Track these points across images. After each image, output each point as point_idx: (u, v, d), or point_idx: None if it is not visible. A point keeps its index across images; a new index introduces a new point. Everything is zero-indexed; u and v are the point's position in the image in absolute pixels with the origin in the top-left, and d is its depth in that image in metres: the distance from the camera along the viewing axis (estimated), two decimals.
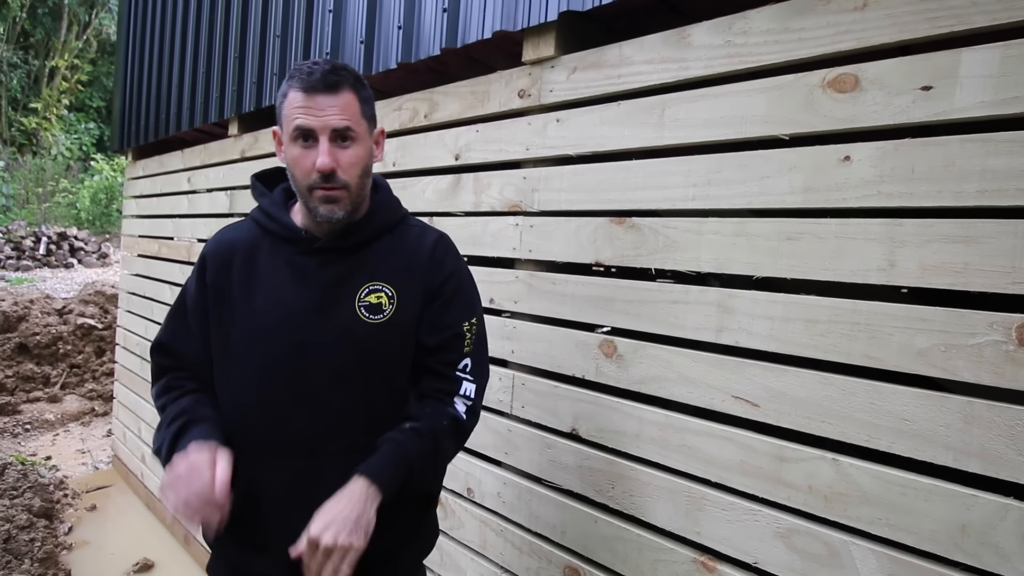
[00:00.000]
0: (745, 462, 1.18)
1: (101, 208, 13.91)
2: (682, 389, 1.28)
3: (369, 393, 1.10)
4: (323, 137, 1.00)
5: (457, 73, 1.87)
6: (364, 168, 1.06)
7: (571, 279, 1.51)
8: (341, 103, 1.01)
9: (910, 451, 0.98)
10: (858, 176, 1.04)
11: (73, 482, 3.93)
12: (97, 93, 17.68)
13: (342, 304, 1.08)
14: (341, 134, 1.02)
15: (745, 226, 1.19)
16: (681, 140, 1.30)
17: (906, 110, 1.00)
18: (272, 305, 1.08)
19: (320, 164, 1.00)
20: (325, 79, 1.00)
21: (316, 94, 1.00)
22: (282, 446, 1.08)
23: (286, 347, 1.07)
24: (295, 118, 1.00)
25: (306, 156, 1.02)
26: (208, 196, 3.15)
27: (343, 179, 1.03)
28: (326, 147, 1.00)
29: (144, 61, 3.91)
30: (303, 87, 1.00)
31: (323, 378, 1.07)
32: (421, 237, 1.18)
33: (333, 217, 1.05)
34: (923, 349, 0.97)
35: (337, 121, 1.00)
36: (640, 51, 1.37)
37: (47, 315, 6.04)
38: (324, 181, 1.02)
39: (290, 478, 1.08)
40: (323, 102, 1.00)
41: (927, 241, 0.97)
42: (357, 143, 1.04)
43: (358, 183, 1.06)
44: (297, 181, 1.05)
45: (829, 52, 1.09)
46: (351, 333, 1.08)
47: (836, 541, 1.05)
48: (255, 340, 1.08)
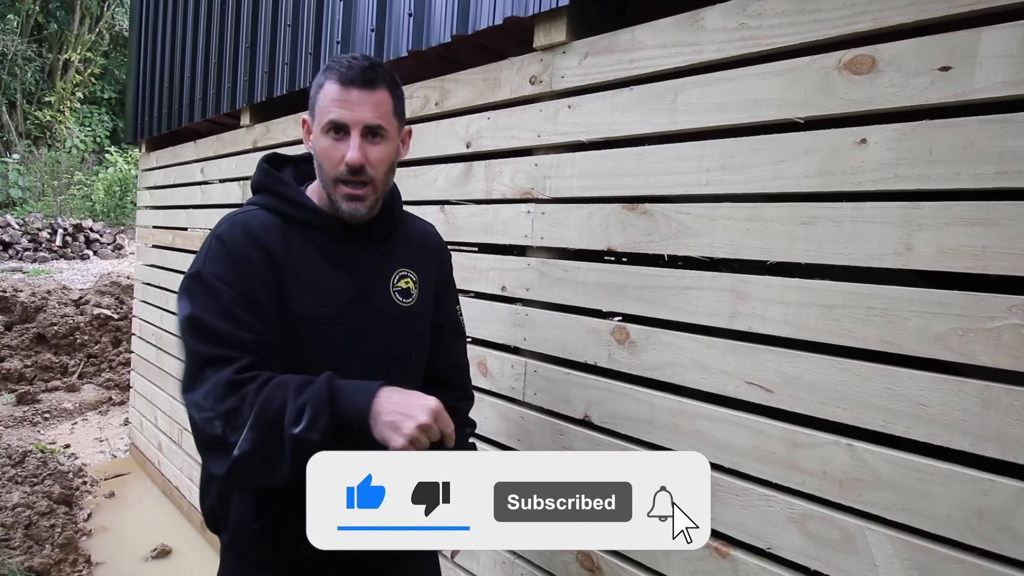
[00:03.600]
0: (759, 448, 1.17)
1: (115, 200, 14.04)
2: (695, 375, 1.28)
3: (409, 378, 1.14)
4: (355, 131, 1.02)
5: (468, 60, 1.87)
6: (390, 166, 1.09)
7: (583, 266, 1.51)
8: (375, 100, 1.03)
9: (926, 436, 0.97)
10: (875, 159, 1.03)
11: (91, 470, 4.00)
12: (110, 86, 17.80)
13: (379, 290, 1.13)
14: (373, 130, 1.03)
15: (759, 211, 1.18)
16: (694, 125, 1.29)
17: (924, 91, 0.98)
18: (315, 299, 1.07)
19: (350, 159, 1.01)
20: (364, 74, 1.02)
21: (352, 88, 1.01)
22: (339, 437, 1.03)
23: (332, 336, 1.07)
24: (329, 111, 1.02)
25: (336, 148, 1.03)
26: (221, 186, 3.18)
27: (370, 174, 1.04)
28: (357, 142, 1.02)
29: (156, 53, 3.93)
30: (340, 80, 1.02)
31: (367, 366, 1.08)
32: (422, 224, 1.28)
33: (357, 215, 1.06)
34: (940, 333, 0.96)
35: (371, 118, 1.02)
36: (653, 35, 1.36)
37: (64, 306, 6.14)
38: (351, 175, 1.03)
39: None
40: (358, 97, 1.01)
41: (945, 224, 0.96)
42: (387, 141, 1.06)
43: (383, 180, 1.08)
44: (324, 171, 1.06)
45: (845, 33, 1.08)
46: (389, 318, 1.12)
47: (851, 526, 1.05)
48: (301, 330, 1.05)
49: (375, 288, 1.12)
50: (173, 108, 3.65)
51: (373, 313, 1.11)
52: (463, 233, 1.83)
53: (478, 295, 1.79)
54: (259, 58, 2.82)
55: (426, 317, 1.19)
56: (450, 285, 1.33)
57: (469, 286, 1.78)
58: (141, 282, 4.12)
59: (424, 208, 1.94)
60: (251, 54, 2.88)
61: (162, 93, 3.81)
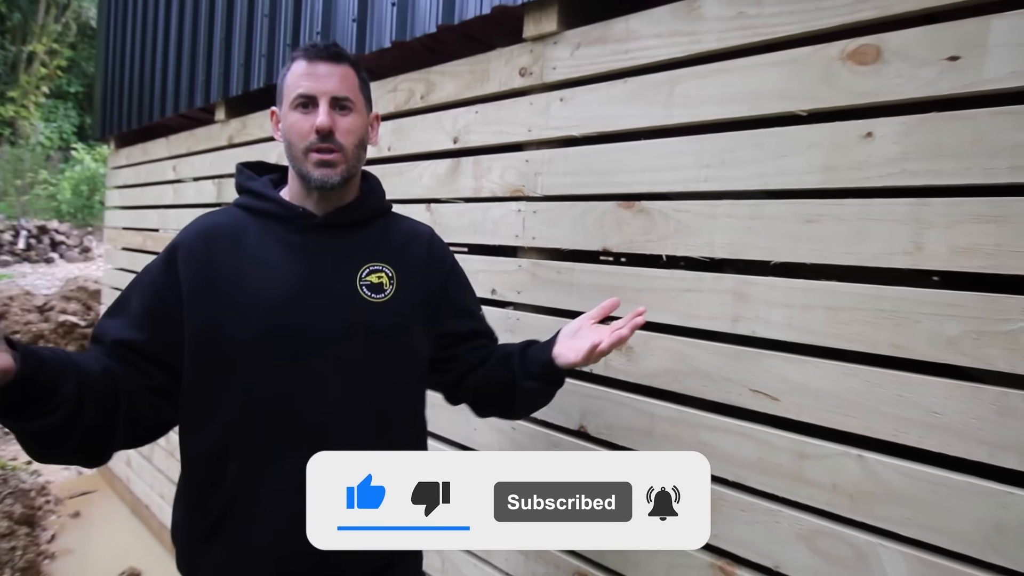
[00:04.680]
0: (764, 459, 1.17)
1: (83, 200, 13.94)
2: (696, 382, 1.27)
3: (373, 380, 1.11)
4: (323, 101, 1.07)
5: (455, 52, 1.86)
6: (360, 138, 1.13)
7: (577, 267, 1.50)
8: (342, 72, 1.09)
9: (941, 446, 0.97)
10: (881, 153, 1.03)
11: (56, 487, 3.95)
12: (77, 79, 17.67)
13: (343, 283, 1.11)
14: (340, 103, 1.09)
15: (761, 208, 1.18)
16: (692, 118, 1.28)
17: (932, 82, 0.98)
18: (266, 285, 1.07)
19: (319, 123, 1.06)
20: (328, 50, 1.10)
21: (319, 62, 1.08)
22: (287, 434, 1.06)
23: (283, 329, 1.06)
24: (297, 86, 1.08)
25: (305, 120, 1.08)
26: (195, 185, 3.15)
27: (340, 142, 1.08)
28: (325, 108, 1.07)
29: (126, 44, 3.90)
30: (306, 57, 1.09)
31: (323, 361, 1.07)
32: (413, 224, 1.28)
33: (328, 182, 1.08)
34: (953, 337, 0.95)
35: (338, 89, 1.08)
36: (648, 24, 1.36)
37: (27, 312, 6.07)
38: (321, 141, 1.07)
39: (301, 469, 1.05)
40: (325, 70, 1.08)
41: (956, 221, 0.96)
42: (355, 113, 1.11)
43: (354, 152, 1.11)
44: (293, 147, 1.10)
45: (849, 22, 1.07)
46: (352, 313, 1.10)
47: (863, 543, 1.04)
48: (249, 324, 1.06)
49: (336, 279, 1.11)
50: (144, 102, 3.62)
51: (332, 305, 1.09)
52: (450, 233, 1.81)
53: None
54: (235, 50, 2.80)
55: (406, 319, 1.15)
56: (454, 289, 1.27)
57: None
58: (110, 287, 4.08)
59: (409, 207, 1.92)
60: (226, 46, 2.86)
61: (132, 87, 3.78)
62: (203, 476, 1.09)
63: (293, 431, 1.06)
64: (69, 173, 14.36)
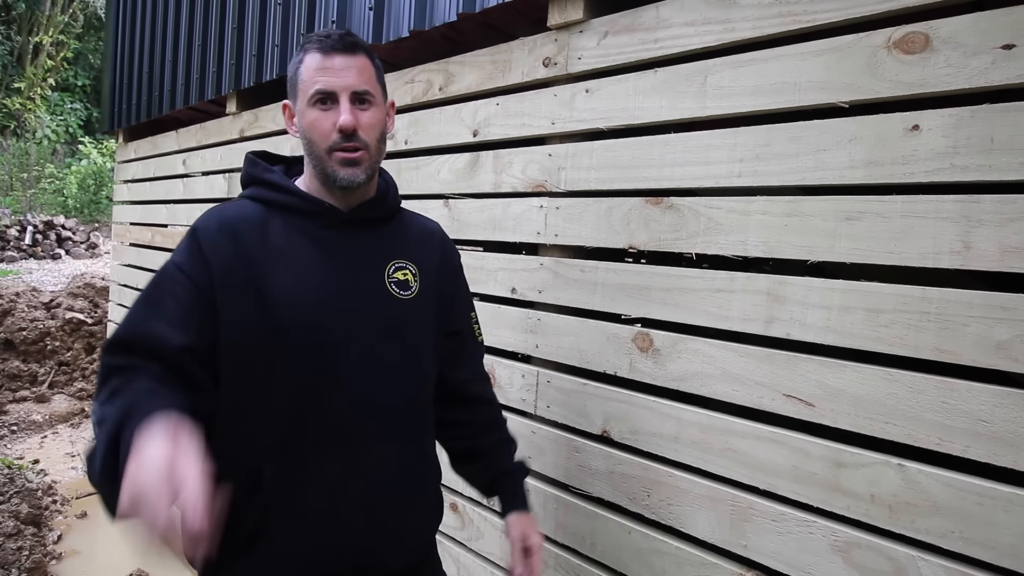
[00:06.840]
0: (798, 468, 1.16)
1: (89, 195, 14.13)
2: (726, 387, 1.26)
3: (405, 376, 1.14)
4: (343, 97, 1.07)
5: (475, 41, 1.86)
6: (381, 132, 1.13)
7: (602, 266, 1.49)
8: (359, 65, 1.08)
9: (987, 456, 0.95)
10: (928, 147, 1.02)
11: (62, 487, 4.00)
12: (84, 72, 17.94)
13: (374, 280, 1.13)
14: (360, 96, 1.08)
15: (798, 205, 1.17)
16: (725, 111, 1.28)
17: (984, 72, 0.97)
18: (298, 282, 1.07)
19: (343, 122, 1.05)
20: (343, 40, 1.08)
21: (335, 55, 1.07)
22: (323, 434, 1.07)
23: (318, 327, 1.07)
24: (315, 82, 1.07)
25: (326, 118, 1.07)
26: (205, 179, 3.18)
27: (363, 139, 1.08)
28: (347, 106, 1.07)
29: (135, 34, 3.95)
30: (320, 49, 1.07)
31: (359, 359, 1.08)
32: (424, 221, 1.29)
33: (355, 181, 1.09)
34: (1003, 341, 0.94)
35: (358, 83, 1.08)
36: (679, 12, 1.35)
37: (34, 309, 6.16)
38: (345, 140, 1.07)
39: (339, 468, 1.06)
40: (342, 63, 1.07)
41: (1008, 220, 0.94)
42: (375, 107, 1.11)
43: (376, 147, 1.11)
44: (315, 146, 1.09)
45: (895, 8, 1.06)
46: (384, 310, 1.12)
47: (902, 556, 1.03)
48: (282, 323, 1.05)
49: (367, 276, 1.12)
50: (153, 95, 3.66)
51: (364, 302, 1.10)
52: (469, 230, 1.82)
53: (485, 298, 1.78)
54: (247, 40, 2.83)
55: (428, 316, 1.19)
56: (463, 289, 1.32)
57: (475, 288, 1.77)
58: (117, 284, 4.13)
59: (427, 202, 1.93)
60: (238, 35, 2.89)
61: (141, 78, 3.83)
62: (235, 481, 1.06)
63: (329, 431, 1.07)
64: (76, 167, 14.57)
